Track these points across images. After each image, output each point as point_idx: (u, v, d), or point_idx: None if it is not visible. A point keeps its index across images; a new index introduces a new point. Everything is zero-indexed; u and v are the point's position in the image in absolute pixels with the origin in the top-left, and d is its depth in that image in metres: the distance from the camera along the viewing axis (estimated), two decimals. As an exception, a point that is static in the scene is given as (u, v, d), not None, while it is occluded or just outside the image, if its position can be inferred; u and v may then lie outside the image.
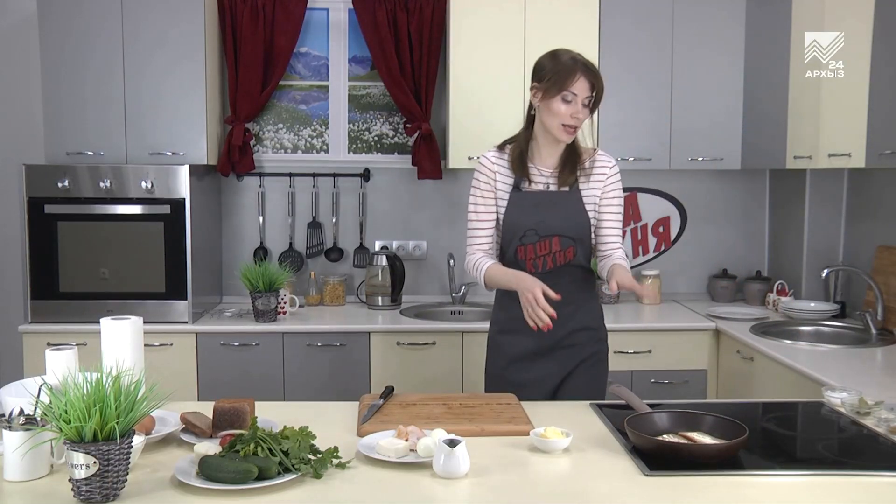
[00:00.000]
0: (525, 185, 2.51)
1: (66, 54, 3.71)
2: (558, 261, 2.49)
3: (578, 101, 2.40)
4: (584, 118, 2.44)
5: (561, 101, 2.39)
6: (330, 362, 3.69)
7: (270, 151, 4.28)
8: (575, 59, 2.41)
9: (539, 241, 2.48)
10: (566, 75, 2.38)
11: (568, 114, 2.40)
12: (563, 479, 1.76)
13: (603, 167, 2.54)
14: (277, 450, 1.68)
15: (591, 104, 2.42)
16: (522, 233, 2.49)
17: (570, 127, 2.42)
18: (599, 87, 2.41)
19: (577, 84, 2.38)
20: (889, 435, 2.00)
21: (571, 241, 2.49)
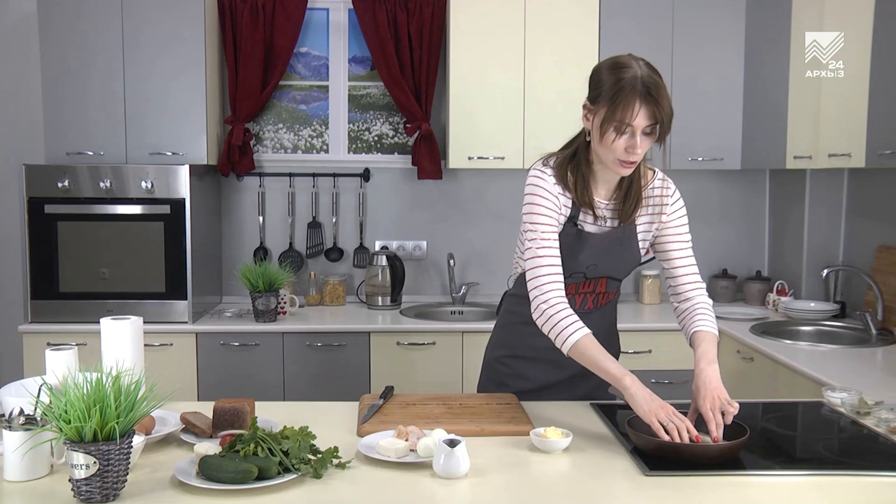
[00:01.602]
0: (582, 218, 2.13)
1: (66, 54, 3.71)
2: (599, 302, 2.27)
3: (637, 133, 1.95)
4: (647, 148, 2.01)
5: (614, 132, 1.96)
6: (330, 362, 3.69)
7: (270, 151, 4.28)
8: (635, 81, 1.94)
9: (585, 281, 2.21)
10: (622, 103, 1.93)
11: (623, 147, 1.97)
12: (563, 479, 1.76)
13: (663, 196, 2.17)
14: (277, 450, 1.68)
15: (653, 132, 1.97)
16: (569, 273, 2.14)
17: (628, 162, 2.00)
18: (664, 115, 1.94)
19: (636, 112, 1.93)
20: (889, 435, 2.00)
21: (617, 283, 2.28)
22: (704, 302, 2.21)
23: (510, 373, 2.36)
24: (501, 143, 3.91)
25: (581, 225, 2.14)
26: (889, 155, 2.95)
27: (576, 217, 2.13)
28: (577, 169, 2.11)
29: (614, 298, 2.36)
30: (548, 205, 2.08)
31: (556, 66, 3.90)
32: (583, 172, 2.10)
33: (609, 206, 2.16)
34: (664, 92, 1.96)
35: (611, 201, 2.16)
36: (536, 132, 3.92)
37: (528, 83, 3.91)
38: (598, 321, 2.26)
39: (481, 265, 4.27)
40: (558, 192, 2.10)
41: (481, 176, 4.27)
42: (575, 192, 2.10)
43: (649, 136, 1.98)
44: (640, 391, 1.90)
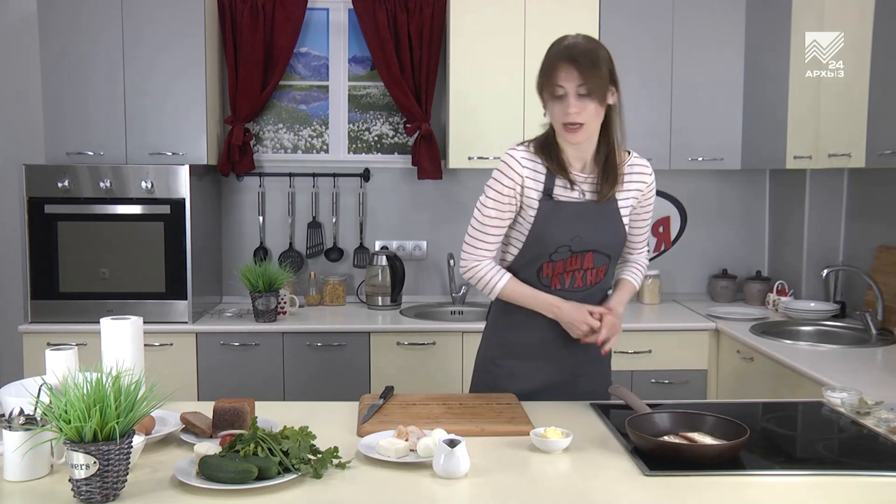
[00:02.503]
0: (559, 191, 2.20)
1: (66, 54, 3.71)
2: (588, 280, 2.25)
3: (570, 95, 2.08)
4: (591, 113, 2.08)
5: (551, 99, 2.12)
6: (330, 362, 3.69)
7: (270, 151, 4.28)
8: (564, 47, 2.10)
9: (571, 257, 2.21)
10: (548, 67, 2.10)
11: (562, 112, 2.09)
12: (563, 479, 1.76)
13: (641, 174, 2.26)
14: (277, 450, 1.68)
15: (591, 94, 2.07)
16: (554, 249, 2.19)
17: (571, 125, 2.09)
18: (597, 75, 2.06)
19: (562, 74, 2.07)
20: (889, 435, 2.00)
21: (606, 259, 2.25)
22: (640, 260, 2.42)
23: (503, 374, 2.35)
24: (502, 143, 3.85)
25: (557, 196, 2.20)
26: (889, 155, 2.95)
27: (551, 189, 2.19)
28: (550, 144, 2.22)
29: (605, 280, 2.30)
30: (507, 191, 2.20)
31: (556, 66, 3.89)
32: (556, 147, 2.21)
33: (587, 181, 2.23)
34: (594, 56, 2.08)
35: (589, 175, 2.23)
36: (536, 132, 3.90)
37: (528, 83, 3.90)
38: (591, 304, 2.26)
39: (481, 265, 4.27)
40: (530, 166, 2.20)
41: (481, 176, 4.23)
42: (551, 161, 2.19)
43: (586, 99, 2.08)
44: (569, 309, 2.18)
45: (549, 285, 2.25)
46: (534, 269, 2.25)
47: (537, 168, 2.20)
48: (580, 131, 2.11)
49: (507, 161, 2.21)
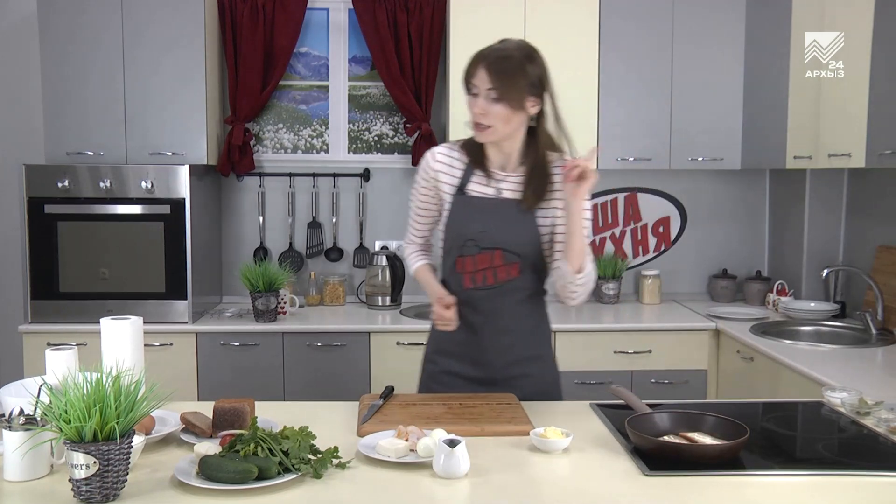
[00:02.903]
0: (473, 187, 2.24)
1: (66, 54, 3.71)
2: (500, 277, 2.22)
3: (481, 95, 2.11)
4: (498, 116, 2.11)
5: (469, 95, 2.15)
6: (330, 362, 3.69)
7: (270, 151, 4.28)
8: (485, 49, 2.14)
9: (479, 254, 2.21)
10: (468, 65, 2.15)
11: (472, 109, 2.14)
12: (563, 479, 1.76)
13: None
14: (277, 450, 1.68)
15: (500, 99, 2.09)
16: (462, 242, 2.22)
17: (477, 125, 2.14)
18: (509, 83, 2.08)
19: (477, 74, 2.11)
20: (889, 435, 2.00)
21: (516, 258, 2.21)
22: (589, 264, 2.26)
23: (439, 370, 2.36)
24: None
25: (470, 192, 2.24)
26: (889, 155, 2.95)
27: (465, 185, 2.24)
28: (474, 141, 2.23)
29: (521, 279, 2.24)
30: (423, 184, 2.30)
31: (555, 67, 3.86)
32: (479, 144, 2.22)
33: (508, 180, 2.23)
34: (512, 63, 2.10)
35: (510, 175, 2.23)
36: (536, 132, 3.92)
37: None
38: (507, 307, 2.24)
39: (481, 265, 4.27)
40: (445, 161, 2.26)
41: (481, 176, 4.26)
42: (472, 156, 2.24)
43: (496, 103, 2.10)
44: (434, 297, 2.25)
45: (461, 283, 2.26)
46: (451, 263, 2.28)
47: (454, 164, 2.26)
48: (486, 132, 2.15)
49: (425, 156, 2.31)
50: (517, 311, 2.28)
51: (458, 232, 2.24)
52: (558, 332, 3.71)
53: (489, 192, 2.24)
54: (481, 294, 2.24)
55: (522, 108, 2.14)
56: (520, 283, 2.26)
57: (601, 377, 3.66)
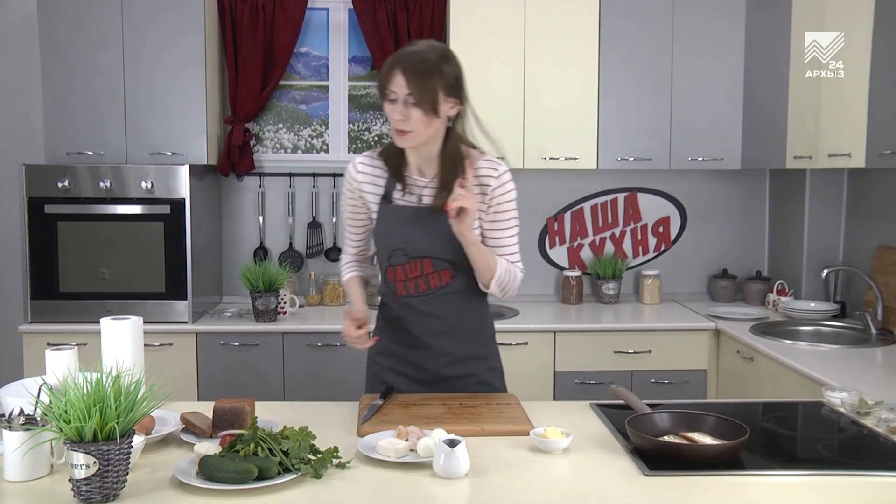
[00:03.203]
0: (397, 196, 2.21)
1: (66, 54, 3.71)
2: (432, 284, 2.20)
3: (399, 101, 2.06)
4: (418, 121, 2.06)
5: (385, 100, 2.11)
6: (330, 362, 3.69)
7: (270, 151, 4.28)
8: (400, 53, 2.09)
9: (409, 262, 2.20)
10: (383, 71, 2.09)
11: (391, 114, 2.09)
12: (563, 479, 1.76)
13: (487, 177, 2.16)
14: (277, 450, 1.68)
15: (418, 104, 2.04)
16: (390, 252, 2.21)
17: (399, 131, 2.08)
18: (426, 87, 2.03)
19: (393, 80, 2.06)
20: (889, 435, 2.00)
21: (446, 264, 2.18)
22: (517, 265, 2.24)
23: (382, 368, 2.36)
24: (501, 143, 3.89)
25: (395, 201, 2.22)
26: (889, 155, 2.95)
27: (390, 194, 2.22)
28: (393, 148, 2.21)
29: (454, 283, 2.22)
30: (348, 195, 2.29)
31: (556, 66, 3.90)
32: (396, 149, 2.20)
33: (430, 186, 2.20)
34: (427, 66, 2.04)
35: (431, 181, 2.20)
36: (536, 132, 3.92)
37: (528, 83, 3.91)
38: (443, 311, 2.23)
39: (481, 265, 4.26)
40: (368, 171, 2.25)
41: (481, 176, 4.26)
42: (390, 166, 2.22)
43: (414, 107, 2.05)
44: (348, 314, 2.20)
45: (395, 291, 2.25)
46: (384, 272, 2.28)
47: (377, 173, 2.24)
48: (408, 137, 2.09)
49: (348, 168, 2.29)
50: (454, 315, 2.25)
51: (386, 242, 2.23)
52: (558, 332, 3.72)
53: (412, 199, 2.21)
54: (416, 301, 2.23)
55: (437, 112, 2.08)
56: (454, 288, 2.23)
57: (601, 377, 3.66)
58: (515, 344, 3.67)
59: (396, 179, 2.22)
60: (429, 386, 2.30)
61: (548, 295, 4.35)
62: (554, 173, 4.23)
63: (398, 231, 2.20)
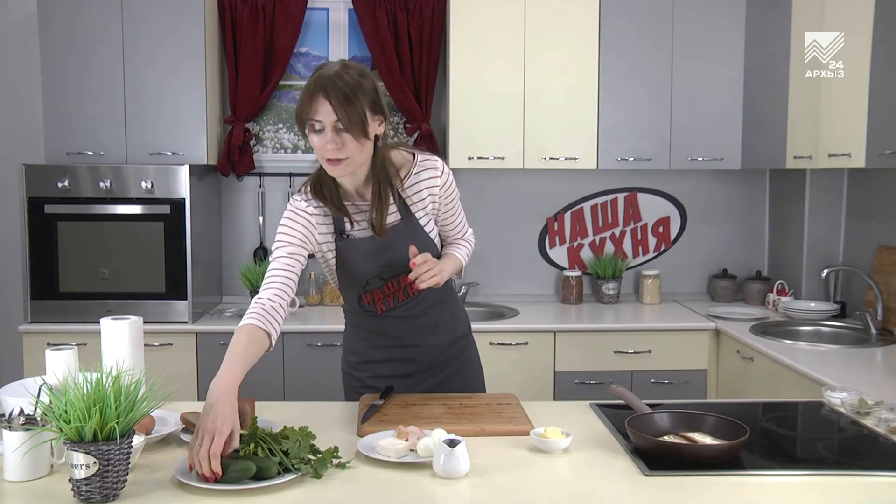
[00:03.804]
0: (349, 228, 2.14)
1: (66, 54, 3.71)
2: (410, 292, 2.21)
3: (328, 130, 1.93)
4: (352, 147, 1.96)
5: (309, 131, 1.96)
6: (330, 362, 3.68)
7: (270, 151, 4.28)
8: (318, 79, 1.94)
9: (385, 283, 2.19)
10: (305, 100, 1.94)
11: (321, 146, 1.95)
12: (563, 479, 1.76)
13: (430, 177, 2.14)
14: (277, 450, 1.68)
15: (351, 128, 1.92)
16: (364, 282, 2.18)
17: (333, 161, 1.97)
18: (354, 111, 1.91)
19: (318, 109, 1.92)
20: (889, 435, 2.00)
21: None
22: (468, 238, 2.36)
23: (368, 375, 2.35)
24: (501, 143, 3.91)
25: (350, 234, 2.14)
26: (889, 155, 2.95)
27: (343, 229, 2.14)
28: (322, 182, 2.11)
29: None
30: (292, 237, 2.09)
31: (556, 66, 3.90)
32: (328, 183, 2.10)
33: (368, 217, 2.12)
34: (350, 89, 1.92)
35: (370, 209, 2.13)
36: (536, 132, 3.92)
37: (528, 83, 3.91)
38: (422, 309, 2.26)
39: (481, 265, 4.27)
40: (317, 213, 2.11)
41: (481, 176, 4.27)
42: (328, 203, 2.11)
43: (345, 133, 1.94)
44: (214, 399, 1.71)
45: (374, 311, 2.24)
46: (354, 299, 2.25)
47: (324, 211, 2.13)
48: (343, 165, 1.99)
49: (293, 209, 2.13)
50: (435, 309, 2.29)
51: (358, 274, 2.17)
52: (558, 332, 3.72)
53: (365, 226, 2.13)
54: (398, 311, 2.25)
55: (367, 133, 1.98)
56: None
57: (601, 377, 3.66)
58: (515, 344, 3.67)
59: (340, 213, 2.12)
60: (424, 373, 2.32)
61: (548, 295, 4.35)
62: (554, 173, 4.23)
63: (369, 262, 2.15)
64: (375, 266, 2.16)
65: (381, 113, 2.03)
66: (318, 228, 2.14)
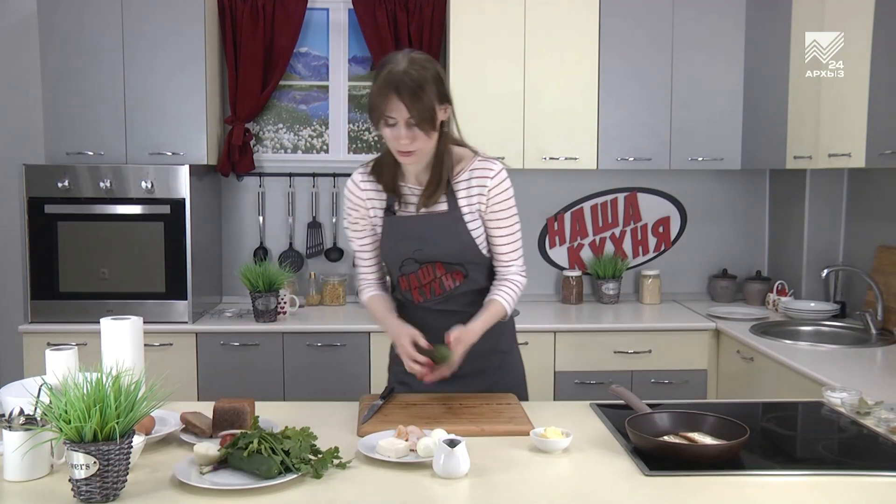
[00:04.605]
0: (397, 207, 2.22)
1: (66, 54, 3.71)
2: (446, 286, 2.23)
3: (401, 125, 2.03)
4: (422, 139, 2.05)
5: (383, 124, 2.05)
6: (330, 362, 3.69)
7: (270, 151, 4.28)
8: (389, 77, 2.01)
9: (421, 269, 2.22)
10: (377, 97, 2.02)
11: (393, 138, 2.06)
12: (563, 479, 1.76)
13: (483, 177, 2.17)
14: (279, 449, 1.68)
15: (421, 123, 2.02)
16: (400, 262, 2.23)
17: (404, 153, 2.07)
18: (423, 106, 2.00)
19: (391, 106, 2.01)
20: (889, 435, 2.00)
21: (457, 266, 2.22)
22: (515, 279, 2.26)
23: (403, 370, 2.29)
24: (501, 144, 3.90)
25: (398, 212, 2.23)
26: (889, 155, 2.95)
27: (392, 207, 2.23)
28: (385, 162, 2.21)
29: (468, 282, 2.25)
30: (354, 215, 2.28)
31: (556, 66, 3.90)
32: (390, 164, 2.20)
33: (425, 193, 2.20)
34: (419, 85, 2.00)
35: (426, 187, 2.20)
36: (537, 132, 3.92)
37: (528, 83, 3.91)
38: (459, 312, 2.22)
39: (481, 265, 4.27)
40: (369, 188, 2.25)
41: (481, 176, 4.26)
42: (383, 182, 2.22)
43: (416, 128, 2.03)
44: (393, 330, 2.20)
45: (411, 299, 2.28)
46: (396, 282, 2.31)
47: (377, 188, 2.24)
48: (414, 155, 2.09)
49: (348, 186, 2.29)
50: (472, 310, 2.23)
51: (395, 253, 2.24)
52: (558, 332, 3.72)
53: (412, 209, 2.21)
54: (432, 303, 2.26)
55: (436, 125, 2.08)
56: (467, 287, 2.25)
57: (601, 377, 3.66)
58: (515, 344, 3.67)
59: (392, 194, 2.22)
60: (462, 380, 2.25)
61: (548, 295, 4.35)
62: (554, 173, 4.23)
63: (406, 240, 2.21)
64: (411, 247, 2.21)
65: (447, 100, 2.11)
66: (370, 203, 2.25)
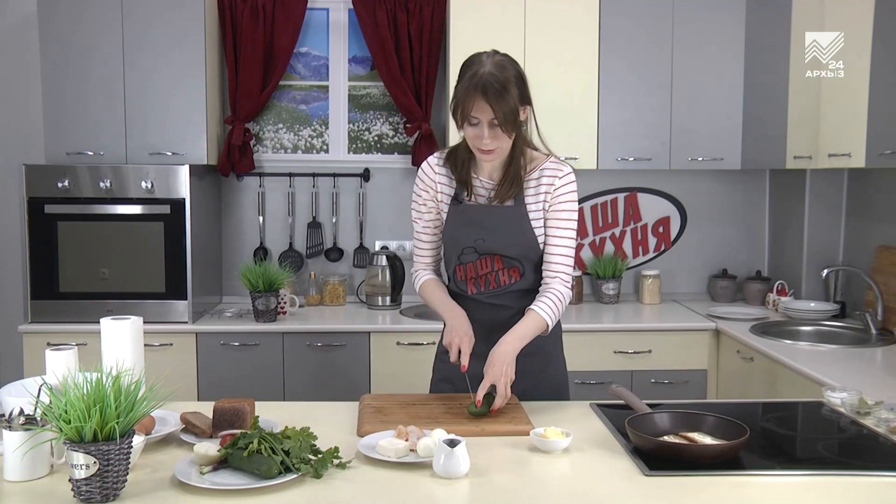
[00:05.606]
0: (465, 197, 2.27)
1: (66, 54, 3.71)
2: (502, 281, 2.26)
3: (484, 125, 2.09)
4: (504, 139, 2.12)
5: (468, 125, 2.12)
6: (330, 362, 3.69)
7: (270, 151, 4.28)
8: (475, 78, 2.07)
9: (480, 259, 2.25)
10: (464, 98, 2.09)
11: (475, 137, 2.12)
12: (563, 479, 1.76)
13: (551, 177, 2.22)
14: (279, 449, 1.68)
15: (504, 124, 2.08)
16: (461, 251, 2.27)
17: (485, 151, 2.14)
18: (508, 108, 2.07)
19: (477, 106, 2.07)
20: (889, 435, 2.00)
21: (516, 262, 2.25)
22: (558, 290, 2.23)
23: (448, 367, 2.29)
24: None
25: (465, 200, 2.27)
26: (889, 155, 2.95)
27: (460, 195, 2.27)
28: (460, 153, 2.27)
29: (523, 280, 2.26)
30: (424, 196, 2.32)
31: (556, 66, 3.90)
32: (464, 156, 2.25)
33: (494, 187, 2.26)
34: (504, 87, 2.07)
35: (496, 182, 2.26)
36: (536, 132, 3.91)
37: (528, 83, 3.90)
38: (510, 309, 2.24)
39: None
40: (442, 173, 2.30)
41: (481, 176, 4.26)
42: (457, 172, 2.27)
43: (502, 127, 2.09)
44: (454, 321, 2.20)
45: (465, 290, 2.30)
46: (451, 271, 2.33)
47: (449, 174, 2.30)
48: (494, 153, 2.16)
49: (422, 167, 2.33)
50: (523, 307, 2.23)
51: (457, 240, 2.27)
52: (558, 332, 3.71)
53: (482, 200, 2.27)
54: (485, 296, 2.27)
55: (518, 124, 2.16)
56: (523, 285, 2.28)
57: (601, 377, 3.66)
58: (515, 344, 3.67)
59: (463, 186, 2.27)
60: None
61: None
62: (554, 173, 4.23)
63: (469, 229, 2.25)
64: (473, 236, 2.24)
65: (527, 101, 2.18)
66: (441, 187, 2.30)
